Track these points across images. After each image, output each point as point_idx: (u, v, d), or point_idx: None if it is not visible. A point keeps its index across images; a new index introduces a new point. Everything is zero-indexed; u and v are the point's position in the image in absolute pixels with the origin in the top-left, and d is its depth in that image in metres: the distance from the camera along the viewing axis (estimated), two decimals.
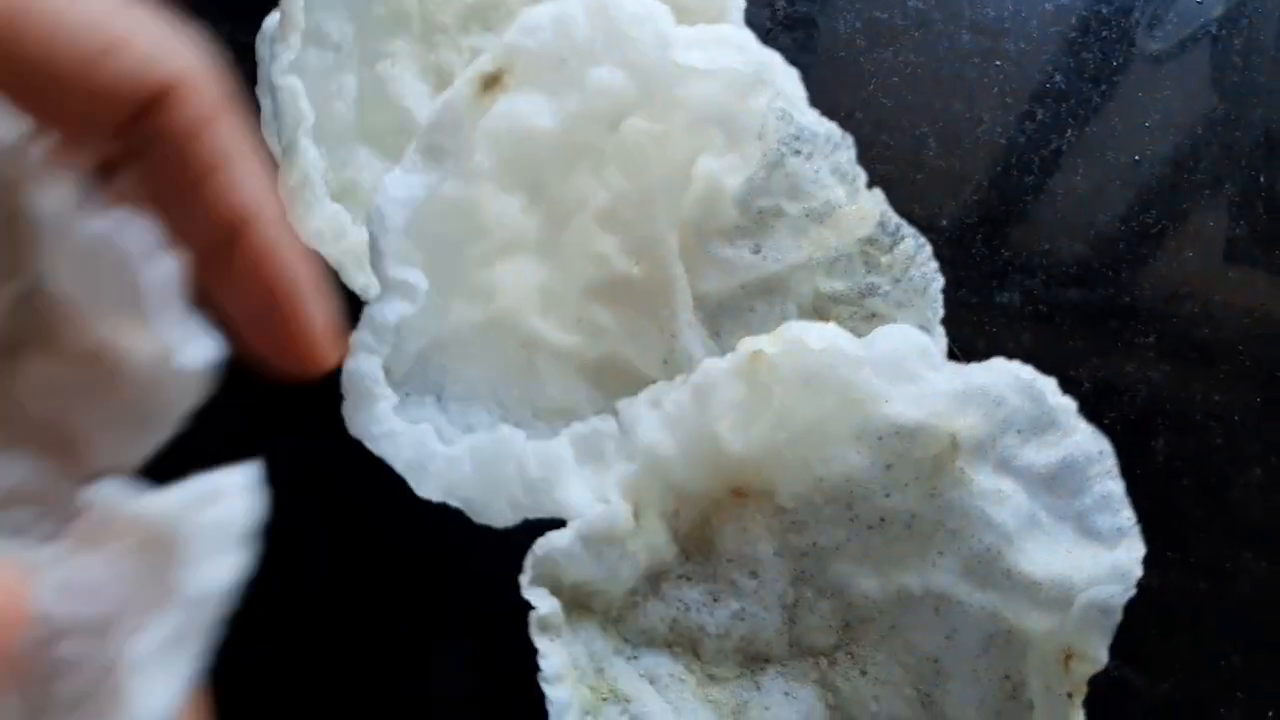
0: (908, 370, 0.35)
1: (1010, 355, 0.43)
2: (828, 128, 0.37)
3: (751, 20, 0.46)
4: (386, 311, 0.35)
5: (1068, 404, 0.33)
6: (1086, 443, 0.33)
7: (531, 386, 0.39)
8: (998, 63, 0.46)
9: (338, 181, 0.40)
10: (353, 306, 0.37)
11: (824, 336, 0.35)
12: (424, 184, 0.35)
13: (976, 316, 0.44)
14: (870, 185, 0.38)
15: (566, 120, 0.37)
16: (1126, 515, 0.32)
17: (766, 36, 0.47)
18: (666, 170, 0.38)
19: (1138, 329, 0.43)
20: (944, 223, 0.45)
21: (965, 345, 0.43)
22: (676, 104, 0.37)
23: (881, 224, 0.38)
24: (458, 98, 0.35)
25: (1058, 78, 0.46)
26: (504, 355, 0.39)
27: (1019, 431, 0.34)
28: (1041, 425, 0.33)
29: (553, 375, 0.39)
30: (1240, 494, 0.42)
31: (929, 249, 0.38)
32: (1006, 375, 0.34)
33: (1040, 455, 0.33)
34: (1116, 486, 0.32)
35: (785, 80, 0.37)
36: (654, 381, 0.39)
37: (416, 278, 0.35)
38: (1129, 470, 0.42)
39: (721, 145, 0.38)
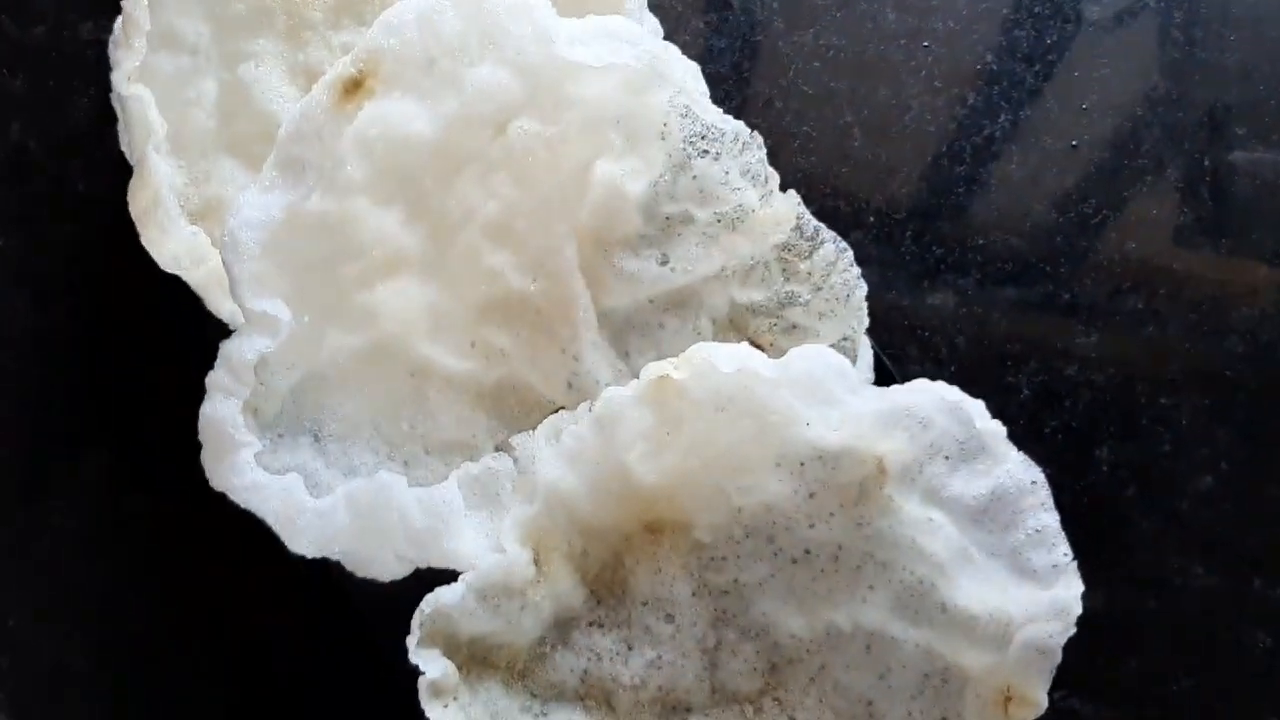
0: (826, 392, 0.32)
1: (944, 361, 0.41)
2: (735, 126, 0.34)
3: (661, 2, 0.42)
4: (244, 348, 0.31)
5: (997, 429, 0.30)
6: (1018, 472, 0.30)
7: (422, 419, 0.36)
8: (926, 44, 0.43)
9: (200, 198, 0.36)
10: (222, 335, 0.33)
11: (735, 358, 0.32)
12: (282, 203, 0.31)
13: (907, 320, 0.41)
14: (792, 179, 0.35)
15: (445, 124, 0.34)
16: (1063, 551, 0.30)
17: (677, 20, 0.43)
18: (561, 176, 0.35)
19: (1079, 329, 0.40)
20: (871, 219, 0.42)
21: (896, 352, 0.40)
22: (568, 103, 0.34)
23: (799, 228, 0.35)
24: (315, 106, 0.31)
25: (990, 58, 0.43)
26: (390, 386, 0.35)
27: (947, 458, 0.31)
28: (970, 452, 0.31)
29: (446, 405, 0.36)
30: (1189, 504, 0.39)
31: (850, 254, 0.35)
32: (932, 396, 0.31)
33: (970, 486, 0.31)
34: (1051, 519, 0.30)
35: (685, 75, 0.33)
36: (559, 407, 0.36)
37: (277, 308, 0.31)
38: (1072, 482, 0.40)
39: (620, 147, 0.35)
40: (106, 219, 0.41)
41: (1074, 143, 0.42)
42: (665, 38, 0.40)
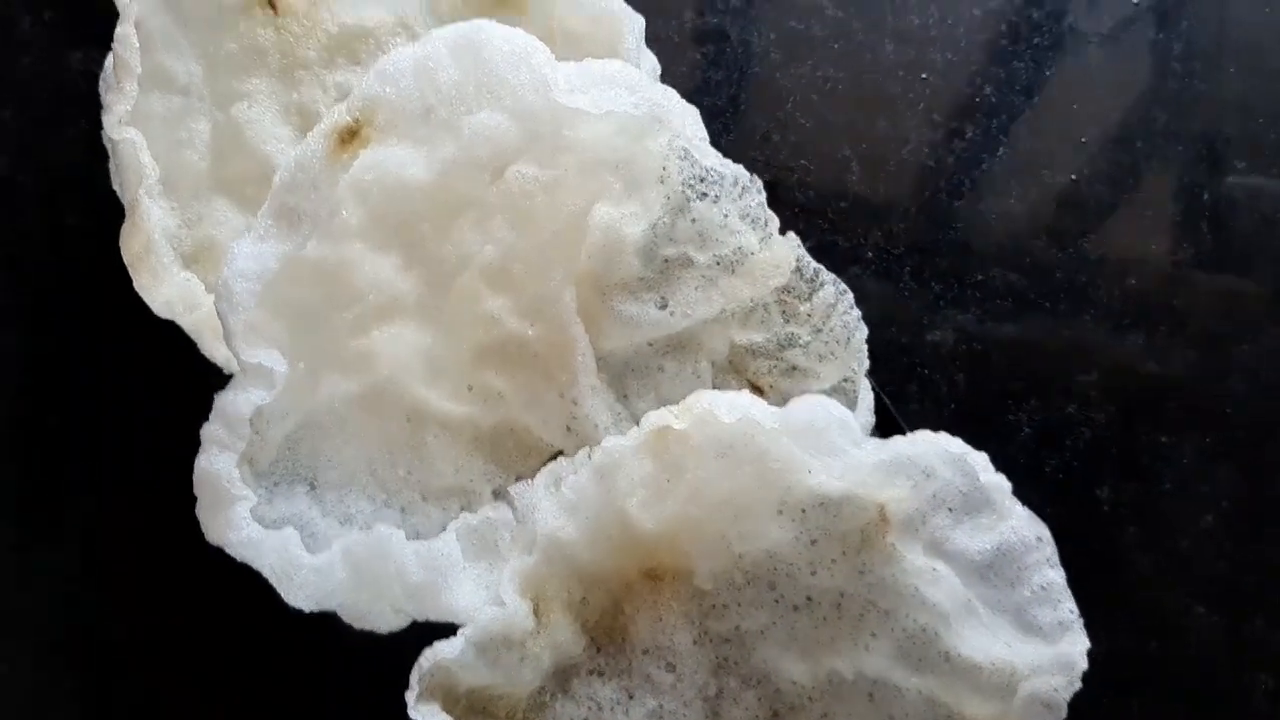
0: (828, 442, 0.32)
1: (943, 399, 0.40)
2: (734, 169, 0.34)
3: (656, 34, 0.42)
4: (239, 401, 0.31)
5: (1001, 483, 0.30)
6: (1022, 528, 0.30)
7: (419, 465, 0.35)
8: (924, 75, 0.43)
9: (192, 240, 0.36)
10: (216, 380, 0.33)
11: (735, 407, 0.32)
12: (277, 253, 0.31)
13: (907, 358, 0.40)
14: (789, 213, 0.35)
15: (442, 169, 0.33)
16: (1068, 608, 0.29)
17: (674, 52, 0.43)
18: (559, 220, 0.34)
19: (1079, 366, 0.40)
20: (869, 254, 0.41)
21: (895, 391, 0.40)
22: (566, 147, 0.34)
23: (798, 270, 0.35)
24: (310, 155, 0.30)
25: (988, 90, 0.43)
26: (386, 431, 0.35)
27: (950, 510, 0.31)
28: (974, 505, 0.30)
29: (443, 450, 0.35)
30: (1191, 543, 0.39)
31: (850, 296, 0.35)
32: (934, 447, 0.31)
33: (974, 541, 0.30)
34: (1056, 576, 0.30)
35: (684, 119, 0.33)
36: (558, 452, 0.36)
37: (273, 359, 0.31)
38: (1072, 521, 0.39)
39: (619, 191, 0.34)
40: (97, 254, 0.40)
41: (1073, 176, 0.42)
42: (662, 70, 0.40)
